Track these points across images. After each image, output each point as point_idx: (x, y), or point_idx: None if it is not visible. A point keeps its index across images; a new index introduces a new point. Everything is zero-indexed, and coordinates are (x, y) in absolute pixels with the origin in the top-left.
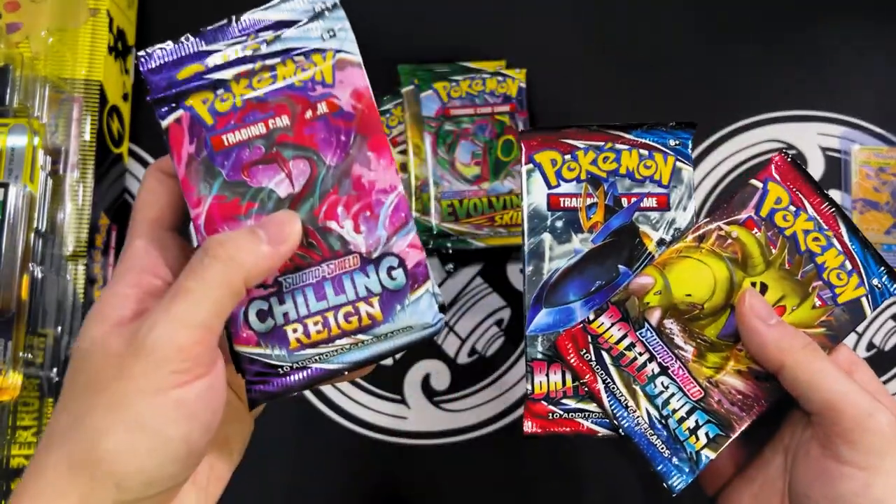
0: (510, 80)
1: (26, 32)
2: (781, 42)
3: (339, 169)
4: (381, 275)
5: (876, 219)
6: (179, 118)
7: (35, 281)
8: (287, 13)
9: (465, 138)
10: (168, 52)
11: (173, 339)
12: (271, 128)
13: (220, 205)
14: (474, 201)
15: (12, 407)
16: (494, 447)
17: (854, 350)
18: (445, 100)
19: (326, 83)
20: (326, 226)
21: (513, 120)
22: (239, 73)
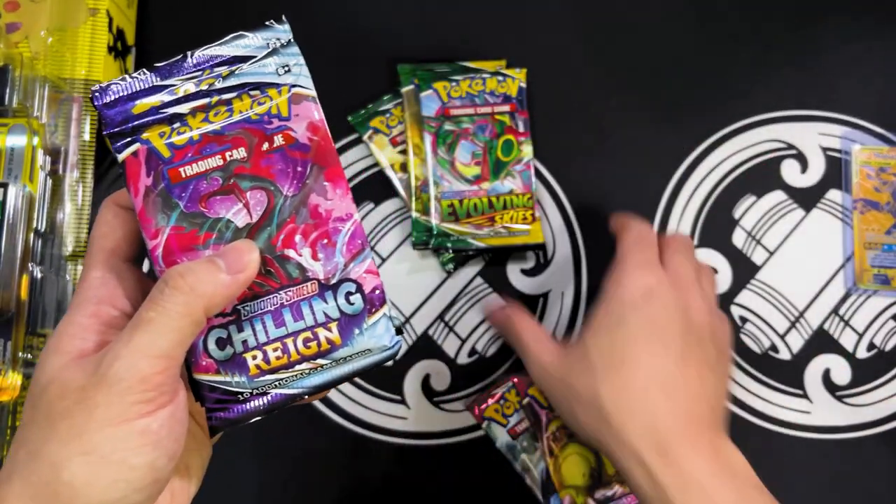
0: (510, 79)
1: (26, 32)
2: (782, 42)
3: (297, 199)
4: (340, 300)
5: (876, 219)
6: (136, 151)
7: (34, 281)
8: (242, 49)
9: (465, 138)
10: (123, 86)
11: (136, 369)
12: (228, 160)
13: (178, 235)
14: (474, 201)
15: (11, 407)
16: (494, 447)
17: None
18: (445, 99)
19: (282, 116)
20: (284, 254)
21: (513, 120)
22: (195, 107)
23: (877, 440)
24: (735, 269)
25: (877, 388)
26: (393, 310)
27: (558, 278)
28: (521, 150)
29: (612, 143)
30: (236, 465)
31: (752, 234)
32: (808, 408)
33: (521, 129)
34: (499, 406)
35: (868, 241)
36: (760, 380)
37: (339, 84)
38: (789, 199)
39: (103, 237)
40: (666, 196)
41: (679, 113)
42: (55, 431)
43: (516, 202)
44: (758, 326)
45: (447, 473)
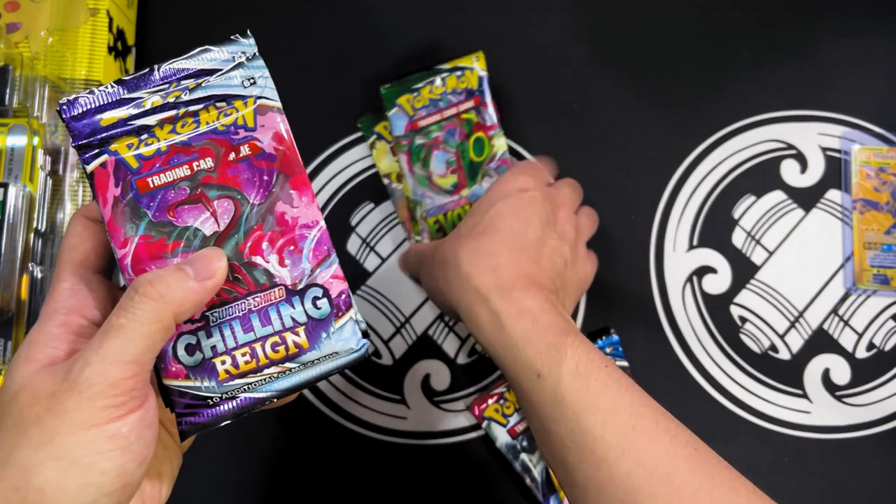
0: (469, 71)
1: (26, 32)
2: (781, 42)
3: (263, 207)
4: (307, 305)
5: (876, 219)
6: (104, 163)
7: (35, 281)
8: (208, 62)
9: (436, 148)
10: (91, 99)
11: (106, 374)
12: (196, 170)
13: (147, 244)
14: (458, 212)
15: None
16: (494, 447)
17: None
18: (411, 113)
19: (248, 127)
20: (252, 261)
21: (479, 115)
22: (162, 118)
23: (876, 440)
24: (735, 269)
25: (876, 387)
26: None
27: None
28: (494, 145)
29: (612, 142)
30: (236, 465)
31: (752, 234)
32: (807, 408)
33: (489, 122)
34: (499, 406)
35: (868, 241)
36: (760, 380)
37: (343, 84)
38: (789, 199)
39: (72, 249)
40: (666, 196)
41: (679, 113)
42: (26, 437)
43: None
44: (757, 326)
45: (447, 473)
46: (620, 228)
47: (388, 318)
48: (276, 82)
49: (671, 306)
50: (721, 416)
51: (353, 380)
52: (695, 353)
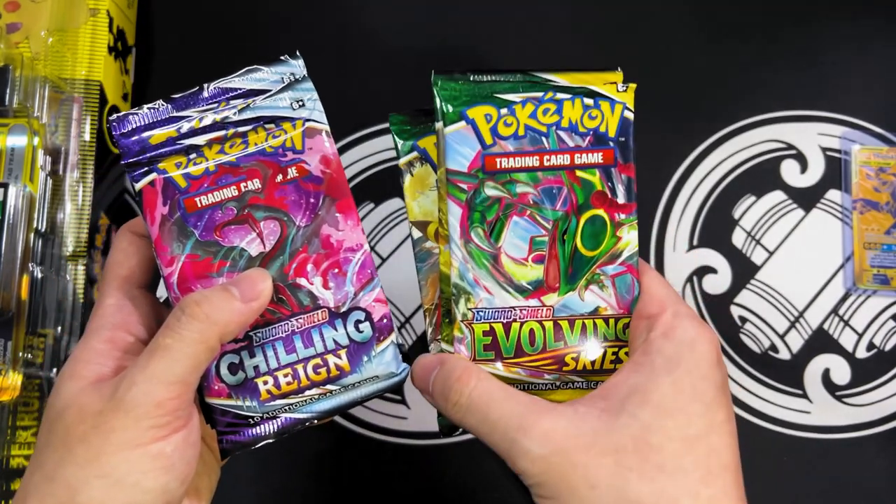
0: (606, 103)
1: (26, 32)
2: (781, 42)
3: (309, 229)
4: (349, 328)
5: (876, 219)
6: (153, 181)
7: (35, 281)
8: (256, 83)
9: (520, 213)
10: (140, 117)
11: (152, 394)
12: (243, 190)
13: (193, 263)
14: (531, 326)
15: (12, 407)
16: None
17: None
18: (489, 140)
19: (296, 149)
20: (296, 282)
21: (608, 180)
22: (211, 138)
23: (876, 440)
24: (735, 269)
25: (876, 387)
26: (401, 337)
27: None
28: (619, 238)
29: None
30: (236, 465)
31: (752, 234)
32: (807, 408)
33: (622, 198)
34: None
35: (868, 241)
36: (760, 380)
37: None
38: (789, 199)
39: (118, 264)
40: (666, 196)
41: (679, 113)
42: (72, 455)
43: (602, 329)
44: (757, 326)
45: (447, 473)
46: None
47: None
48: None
49: None
50: None
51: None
52: None
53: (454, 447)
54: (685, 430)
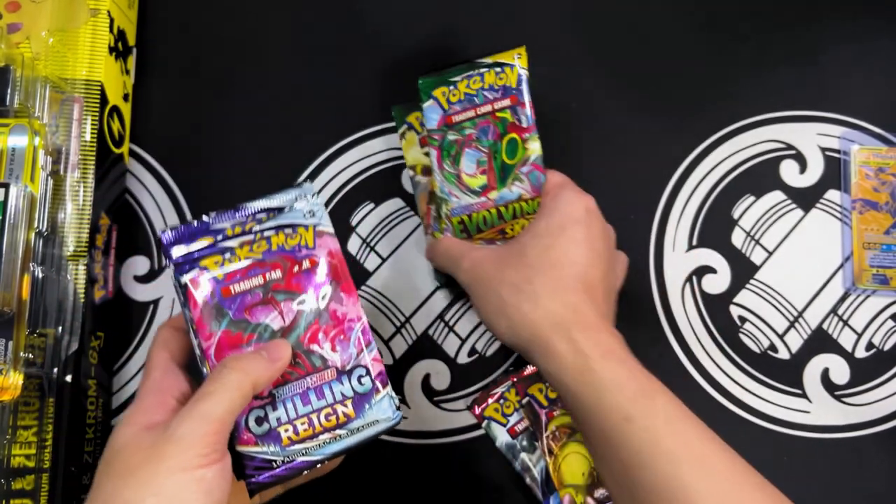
0: (508, 68)
1: (27, 33)
2: (781, 42)
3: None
4: (353, 382)
5: (875, 219)
6: (197, 276)
7: (36, 281)
8: (278, 202)
9: (468, 146)
10: (185, 228)
11: (198, 429)
12: (267, 279)
13: (228, 337)
14: (483, 214)
15: (13, 406)
16: (494, 447)
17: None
18: (446, 107)
19: (309, 247)
20: (310, 348)
21: (515, 115)
22: (242, 241)
23: (875, 439)
24: (734, 269)
25: (875, 387)
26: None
27: None
28: (527, 149)
29: (611, 143)
30: None
31: (751, 234)
32: (807, 407)
33: (525, 123)
34: (498, 405)
35: (867, 241)
36: (759, 379)
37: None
38: (788, 199)
39: (162, 347)
40: (665, 196)
41: (678, 113)
42: (130, 479)
43: (525, 208)
44: (757, 326)
45: (447, 473)
46: (620, 228)
47: (388, 318)
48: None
49: (671, 306)
50: (720, 416)
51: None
52: (694, 352)
53: (454, 446)
54: (547, 244)
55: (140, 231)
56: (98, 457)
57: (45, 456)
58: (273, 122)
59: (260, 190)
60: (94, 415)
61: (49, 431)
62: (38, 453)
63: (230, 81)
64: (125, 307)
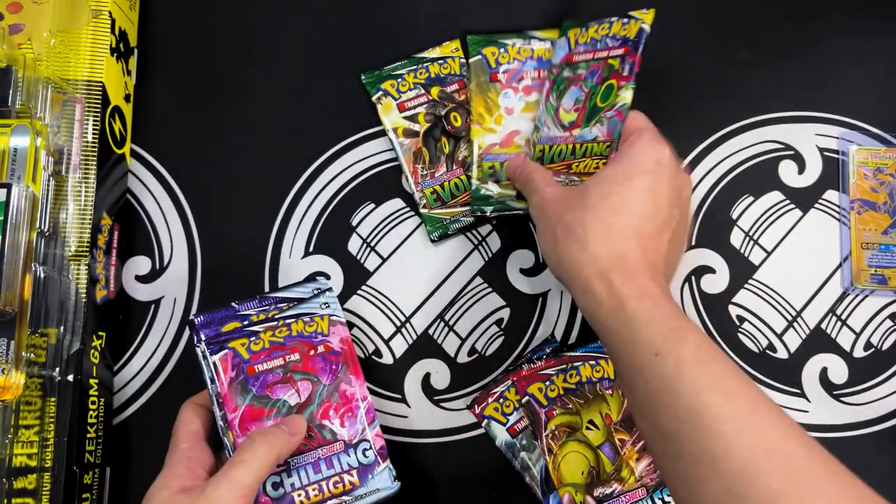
0: (633, 20)
1: (29, 34)
2: (780, 43)
3: (331, 386)
4: (358, 455)
5: (874, 219)
6: (226, 355)
7: (38, 281)
8: (297, 293)
9: (575, 84)
10: (215, 313)
11: (232, 493)
12: (287, 360)
13: (250, 410)
14: (561, 147)
15: (15, 406)
16: (494, 446)
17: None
18: (573, 46)
19: (324, 334)
20: (322, 423)
21: (622, 63)
22: (266, 327)
23: (874, 439)
24: (733, 268)
25: (874, 387)
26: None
27: None
28: (619, 96)
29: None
30: None
31: (750, 235)
32: (805, 406)
33: (626, 72)
34: (498, 405)
35: (865, 241)
36: (758, 379)
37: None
38: (787, 199)
39: (189, 422)
40: None
41: (678, 113)
42: None
43: (595, 150)
44: (755, 326)
45: (447, 472)
46: None
47: (389, 318)
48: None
49: None
50: None
51: None
52: None
53: (454, 445)
54: (608, 191)
55: (141, 231)
56: (99, 456)
57: (47, 455)
58: (274, 122)
59: (260, 190)
60: (95, 414)
61: (51, 431)
62: (39, 452)
63: (231, 82)
64: (126, 307)
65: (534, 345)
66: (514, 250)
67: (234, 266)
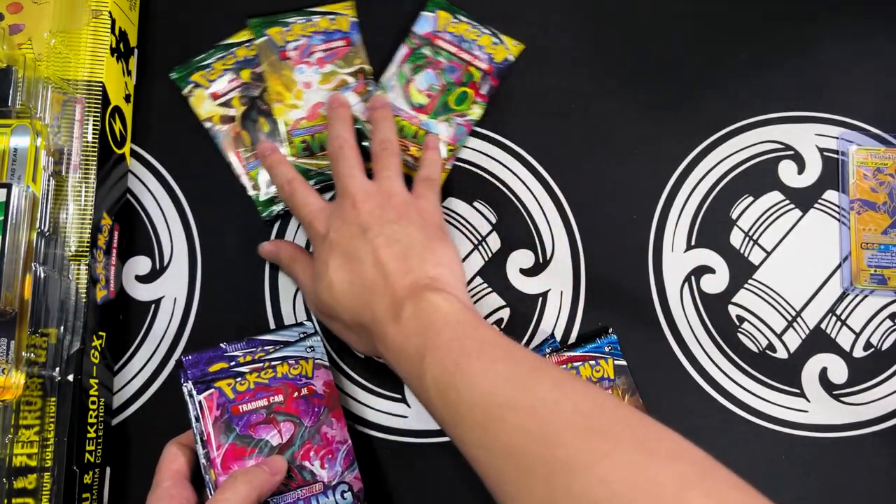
0: (503, 46)
1: (29, 34)
2: (780, 43)
3: (313, 428)
4: (337, 496)
5: (873, 219)
6: (211, 394)
7: (38, 281)
8: (283, 336)
9: (433, 68)
10: (203, 354)
11: None
12: (271, 402)
13: (234, 449)
14: (405, 124)
15: (15, 406)
16: None
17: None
18: (439, 28)
19: (308, 376)
20: (302, 464)
21: (483, 79)
22: (252, 368)
23: (874, 439)
24: (732, 269)
25: (873, 387)
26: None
27: (557, 277)
28: (471, 109)
29: (610, 143)
30: None
31: (750, 235)
32: (805, 406)
33: (484, 91)
34: None
35: (865, 241)
36: (758, 379)
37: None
38: (786, 199)
39: (172, 461)
40: (664, 196)
41: (677, 114)
42: None
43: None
44: (755, 326)
45: (447, 471)
46: (619, 228)
47: None
48: None
49: (669, 306)
50: (719, 415)
51: (355, 378)
52: (693, 352)
53: (455, 446)
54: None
55: (142, 231)
56: (99, 456)
57: (47, 455)
58: None
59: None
60: (95, 414)
61: (51, 431)
62: (39, 452)
63: None
64: (127, 307)
65: (534, 345)
66: (514, 250)
67: (234, 266)
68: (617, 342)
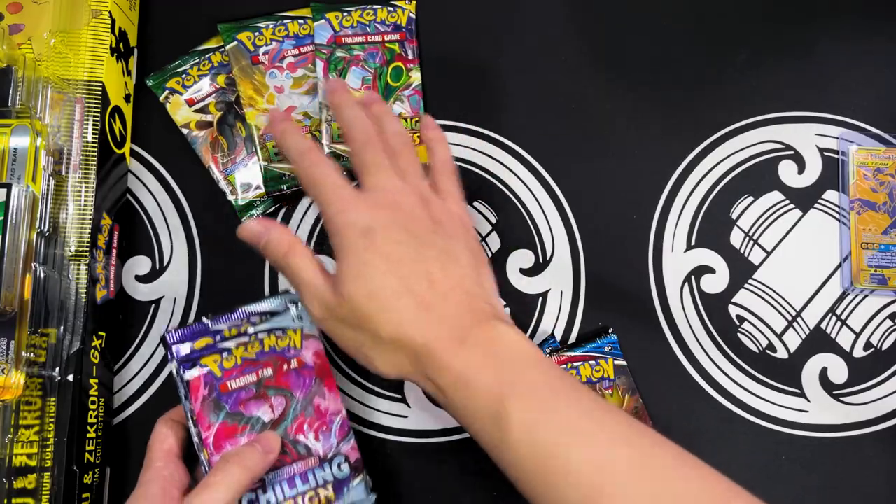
0: (400, 10)
1: (29, 34)
2: (780, 43)
3: (305, 401)
4: (334, 469)
5: (873, 219)
6: (198, 373)
7: (38, 280)
8: (270, 306)
9: (356, 64)
10: (187, 329)
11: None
12: (260, 377)
13: (225, 428)
14: None
15: (15, 406)
16: None
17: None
18: (338, 28)
19: (297, 348)
20: (296, 438)
21: (402, 48)
22: (238, 343)
23: (873, 439)
24: (732, 268)
25: (873, 387)
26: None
27: (557, 277)
28: (410, 76)
29: (610, 143)
30: None
31: (750, 235)
32: (805, 406)
33: (411, 56)
34: None
35: (865, 241)
36: (758, 379)
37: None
38: (786, 199)
39: (163, 440)
40: (664, 196)
41: (677, 113)
42: None
43: (405, 126)
44: (755, 326)
45: (447, 471)
46: (618, 228)
47: None
48: None
49: (669, 306)
50: (719, 415)
51: (355, 379)
52: (693, 352)
53: (454, 445)
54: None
55: (141, 231)
56: (99, 456)
57: (47, 455)
58: None
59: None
60: (95, 414)
61: (51, 431)
62: (39, 452)
63: None
64: (127, 307)
65: None
66: (514, 250)
67: (234, 266)
68: (617, 342)
